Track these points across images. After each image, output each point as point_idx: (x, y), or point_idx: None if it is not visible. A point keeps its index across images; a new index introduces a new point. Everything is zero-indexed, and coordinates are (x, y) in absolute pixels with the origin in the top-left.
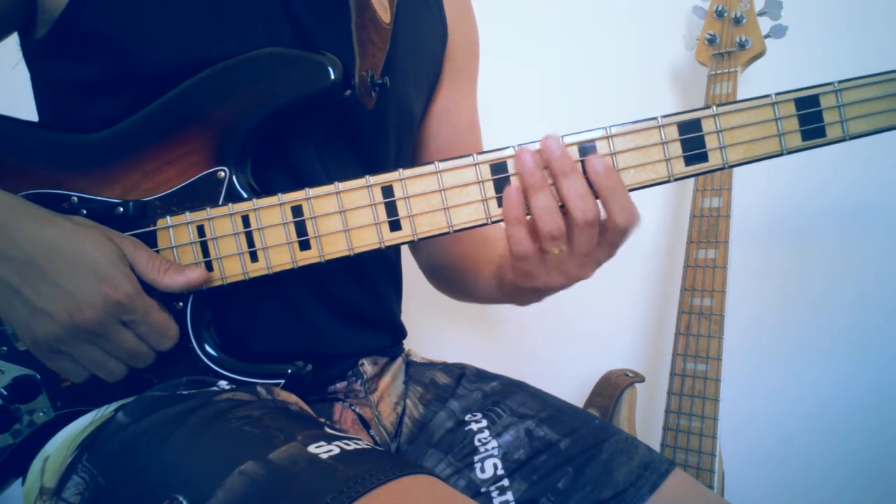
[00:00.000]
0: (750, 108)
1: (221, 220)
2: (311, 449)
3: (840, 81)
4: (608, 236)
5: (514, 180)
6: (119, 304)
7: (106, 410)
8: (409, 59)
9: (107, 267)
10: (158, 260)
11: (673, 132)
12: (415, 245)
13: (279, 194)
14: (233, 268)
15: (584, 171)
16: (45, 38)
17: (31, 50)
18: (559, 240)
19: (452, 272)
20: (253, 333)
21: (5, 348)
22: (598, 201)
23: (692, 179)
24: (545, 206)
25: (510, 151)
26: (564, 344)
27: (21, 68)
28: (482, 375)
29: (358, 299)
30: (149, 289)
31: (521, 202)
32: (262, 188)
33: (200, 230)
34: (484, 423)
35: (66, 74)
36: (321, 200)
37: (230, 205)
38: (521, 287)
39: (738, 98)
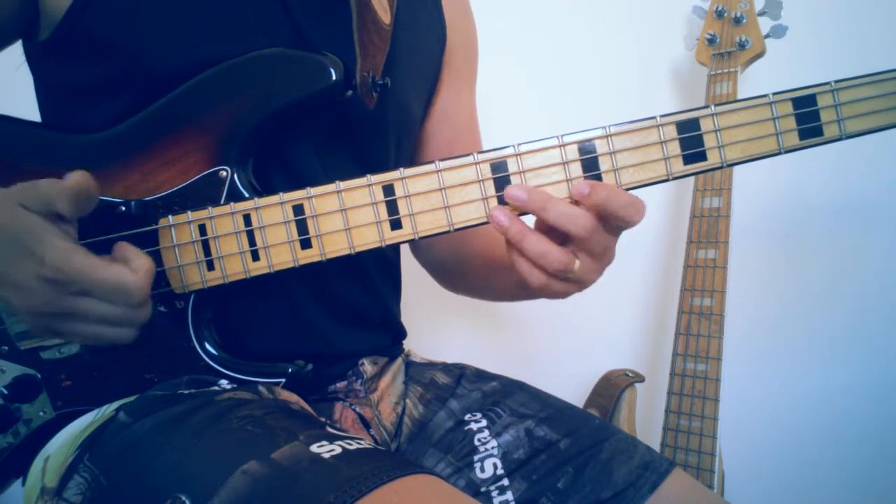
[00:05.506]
0: (747, 108)
1: (223, 219)
2: (314, 448)
3: (836, 81)
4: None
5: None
6: (55, 281)
7: (106, 410)
8: (408, 60)
9: (28, 242)
10: (49, 184)
11: (671, 131)
12: (419, 247)
13: (280, 193)
14: (234, 266)
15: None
16: (48, 40)
17: (33, 52)
18: (569, 267)
19: (467, 271)
20: (253, 332)
21: (6, 348)
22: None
23: (692, 179)
24: (538, 252)
25: (510, 150)
26: (564, 344)
27: (24, 70)
28: (482, 375)
29: (358, 299)
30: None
31: (515, 247)
32: (261, 187)
33: (202, 229)
34: (484, 422)
35: (68, 76)
36: (322, 199)
37: (232, 204)
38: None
39: (738, 98)
